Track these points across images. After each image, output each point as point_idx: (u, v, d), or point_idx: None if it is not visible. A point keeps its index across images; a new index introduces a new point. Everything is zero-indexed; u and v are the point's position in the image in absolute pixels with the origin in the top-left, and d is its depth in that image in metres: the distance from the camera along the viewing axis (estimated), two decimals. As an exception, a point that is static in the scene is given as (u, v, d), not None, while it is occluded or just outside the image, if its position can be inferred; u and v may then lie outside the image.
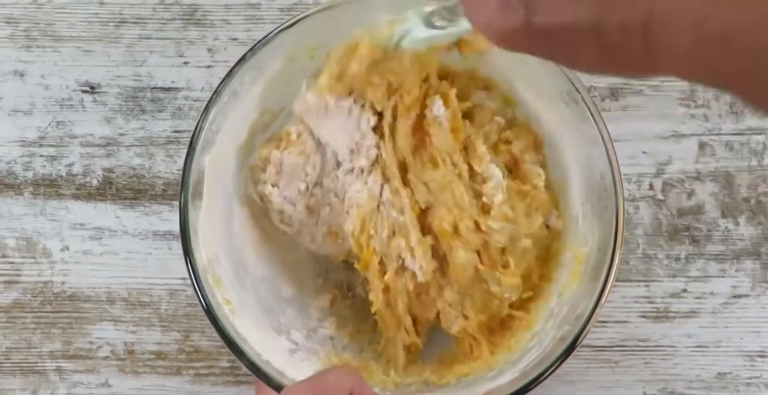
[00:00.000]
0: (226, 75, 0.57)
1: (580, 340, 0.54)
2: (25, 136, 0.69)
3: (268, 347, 0.57)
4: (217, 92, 0.57)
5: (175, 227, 0.67)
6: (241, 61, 0.57)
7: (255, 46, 0.57)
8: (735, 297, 0.67)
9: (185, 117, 0.69)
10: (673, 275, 0.67)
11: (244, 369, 0.57)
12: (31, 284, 0.68)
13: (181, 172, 0.57)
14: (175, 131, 0.69)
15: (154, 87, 0.70)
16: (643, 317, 0.67)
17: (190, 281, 0.55)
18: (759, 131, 0.69)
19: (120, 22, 0.70)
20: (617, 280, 0.54)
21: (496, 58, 0.60)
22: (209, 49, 0.70)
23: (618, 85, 0.69)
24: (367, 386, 0.49)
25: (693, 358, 0.67)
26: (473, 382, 0.58)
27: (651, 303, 0.67)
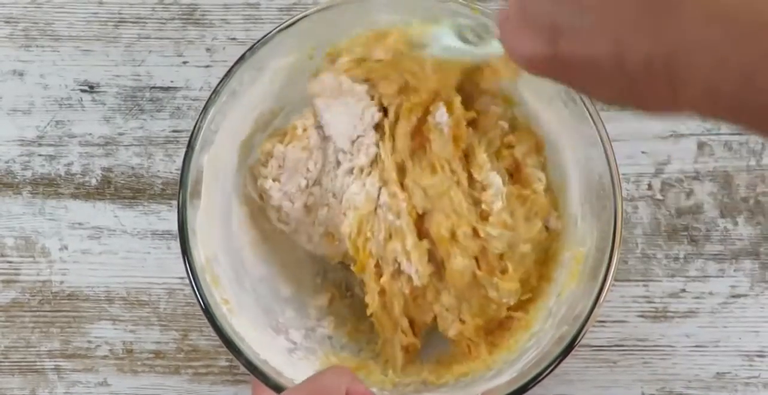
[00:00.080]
0: (225, 75, 0.57)
1: (578, 340, 0.54)
2: (24, 135, 0.69)
3: (266, 346, 0.57)
4: (215, 92, 0.57)
5: (174, 226, 0.67)
6: (240, 60, 0.57)
7: (254, 45, 0.57)
8: (734, 296, 0.67)
9: (184, 117, 0.69)
10: (672, 275, 0.67)
11: (242, 369, 0.57)
12: (29, 284, 0.68)
13: (180, 171, 0.57)
14: (174, 131, 0.69)
15: (153, 87, 0.70)
16: (641, 316, 0.67)
17: (188, 281, 0.56)
18: (758, 131, 0.69)
19: (119, 22, 0.70)
20: (616, 280, 0.54)
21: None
22: (208, 49, 0.70)
23: (617, 85, 0.69)
24: (362, 384, 0.49)
25: (691, 358, 0.67)
26: (471, 382, 0.58)
27: (650, 302, 0.67)
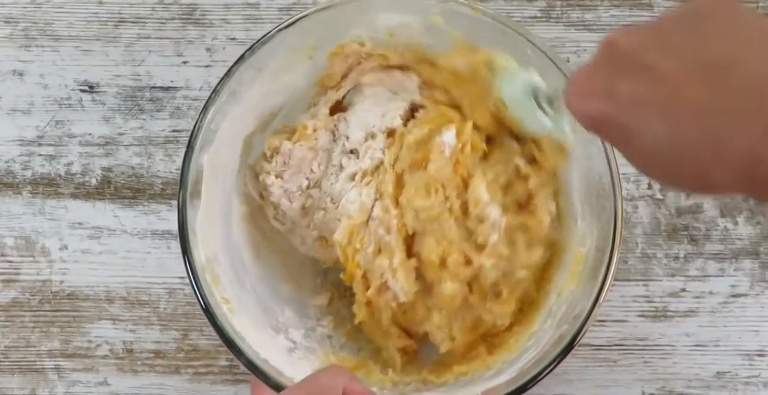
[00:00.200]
0: (225, 74, 0.57)
1: (578, 340, 0.54)
2: (24, 135, 0.69)
3: (266, 346, 0.57)
4: (215, 92, 0.57)
5: (174, 226, 0.67)
6: (240, 60, 0.57)
7: (254, 45, 0.57)
8: (734, 296, 0.67)
9: (184, 116, 0.69)
10: (672, 275, 0.67)
11: (242, 368, 0.57)
12: (29, 283, 0.68)
13: (180, 171, 0.57)
14: (174, 131, 0.69)
15: (152, 86, 0.70)
16: (641, 316, 0.67)
17: (189, 280, 0.55)
18: (758, 131, 0.69)
19: (119, 22, 0.70)
20: (616, 279, 0.54)
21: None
22: (208, 49, 0.70)
23: (617, 85, 0.69)
24: (359, 383, 0.49)
25: (692, 357, 0.67)
26: (471, 381, 0.58)
27: (650, 302, 0.67)
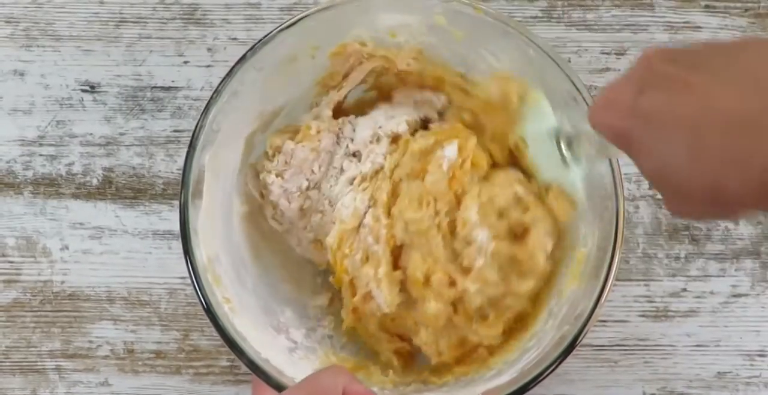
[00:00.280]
0: (227, 74, 0.57)
1: (579, 340, 0.54)
2: (25, 135, 0.69)
3: (267, 346, 0.57)
4: (217, 92, 0.57)
5: (175, 226, 0.67)
6: (241, 60, 0.57)
7: (255, 45, 0.57)
8: (734, 296, 0.67)
9: (185, 116, 0.69)
10: (673, 275, 0.67)
11: (243, 368, 0.57)
12: (30, 284, 0.68)
13: (182, 171, 0.57)
14: (175, 131, 0.69)
15: (154, 86, 0.70)
16: (642, 316, 0.67)
17: (190, 280, 0.55)
18: (759, 131, 0.69)
19: (120, 22, 0.70)
20: (617, 279, 0.54)
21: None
22: (209, 49, 0.70)
23: (618, 85, 0.69)
24: (360, 383, 0.49)
25: (692, 357, 0.67)
26: (472, 381, 0.58)
27: (651, 302, 0.67)
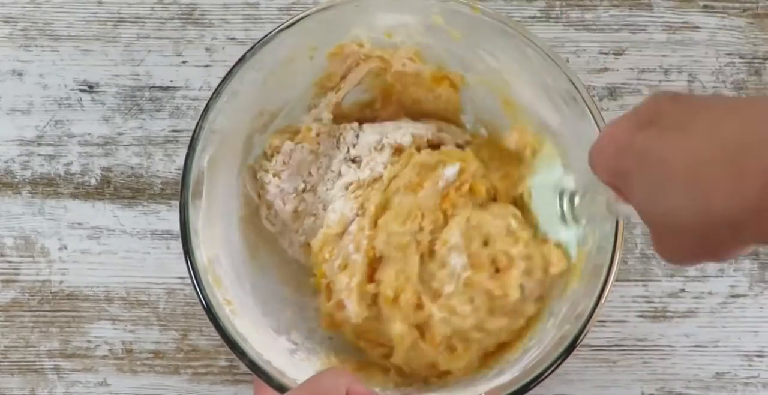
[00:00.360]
0: (226, 75, 0.57)
1: (580, 339, 0.54)
2: (24, 135, 0.69)
3: (268, 347, 0.57)
4: (216, 92, 0.57)
5: (173, 226, 0.67)
6: (240, 61, 0.57)
7: (254, 46, 0.57)
8: (733, 296, 0.67)
9: (183, 116, 0.69)
10: (671, 275, 0.67)
11: (242, 368, 0.57)
12: (29, 283, 0.68)
13: (181, 172, 0.57)
14: (174, 131, 0.69)
15: (152, 86, 0.70)
16: (641, 316, 0.67)
17: (191, 282, 0.55)
18: (757, 131, 0.69)
19: (118, 22, 0.70)
20: (615, 279, 0.54)
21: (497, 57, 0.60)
22: (207, 49, 0.70)
23: (616, 85, 0.69)
24: (361, 384, 0.49)
25: (691, 358, 0.67)
26: (474, 381, 0.58)
27: (649, 302, 0.67)
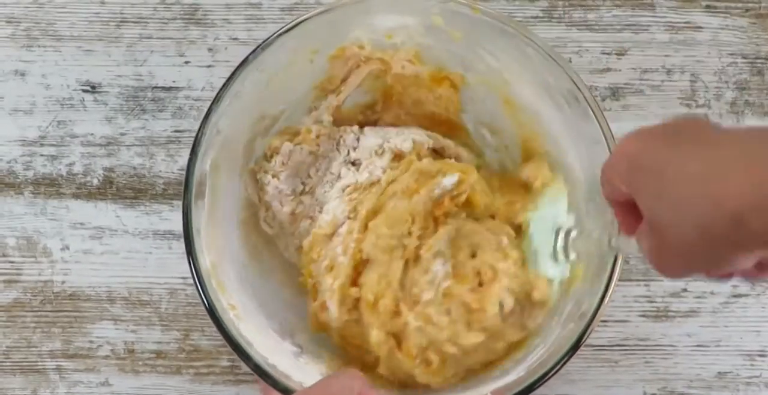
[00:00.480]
0: (228, 78, 0.57)
1: (584, 338, 0.54)
2: (26, 135, 0.69)
3: (273, 351, 0.57)
4: (219, 95, 0.57)
5: (175, 226, 0.67)
6: (242, 64, 0.57)
7: (256, 49, 0.57)
8: (735, 296, 0.67)
9: (186, 117, 0.69)
10: (673, 275, 0.67)
11: (244, 368, 0.57)
12: (31, 284, 0.68)
13: (183, 172, 0.57)
14: (176, 131, 0.69)
15: (154, 87, 0.70)
16: (643, 316, 0.67)
17: (196, 288, 0.55)
18: (758, 131, 0.69)
19: (121, 22, 0.70)
20: (617, 279, 0.55)
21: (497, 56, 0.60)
22: (210, 49, 0.70)
23: (619, 85, 0.69)
24: (373, 388, 0.49)
25: (693, 357, 0.67)
26: (479, 381, 0.58)
27: (651, 302, 0.67)
